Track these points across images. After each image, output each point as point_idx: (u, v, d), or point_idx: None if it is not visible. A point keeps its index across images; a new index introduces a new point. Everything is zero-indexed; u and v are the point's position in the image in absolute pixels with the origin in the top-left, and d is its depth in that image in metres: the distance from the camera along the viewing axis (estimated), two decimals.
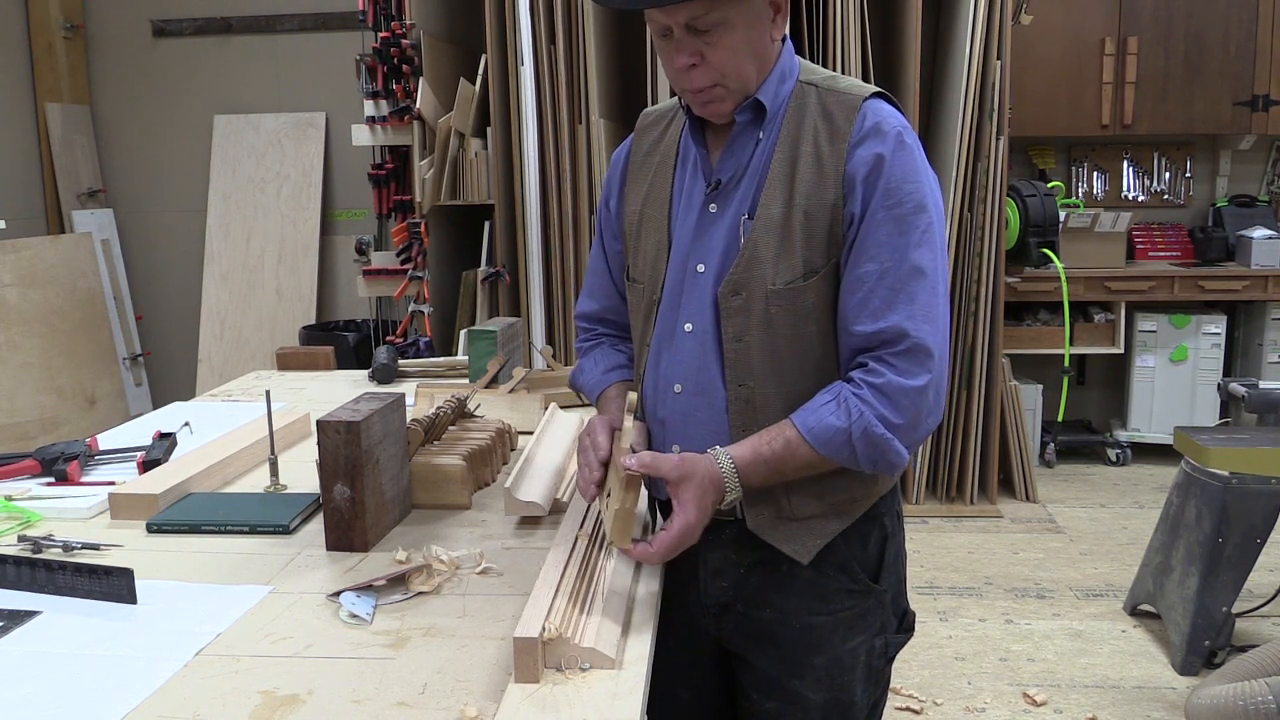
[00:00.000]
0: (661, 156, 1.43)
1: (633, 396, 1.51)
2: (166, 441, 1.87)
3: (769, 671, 1.41)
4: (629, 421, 1.31)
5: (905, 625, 1.47)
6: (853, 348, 1.27)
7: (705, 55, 1.24)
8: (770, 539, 1.34)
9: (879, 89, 1.33)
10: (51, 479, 1.72)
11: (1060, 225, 4.39)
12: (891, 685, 1.56)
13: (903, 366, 1.23)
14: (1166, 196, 5.19)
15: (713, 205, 1.34)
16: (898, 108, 1.32)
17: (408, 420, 1.57)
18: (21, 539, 1.45)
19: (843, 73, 3.89)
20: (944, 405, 1.30)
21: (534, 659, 1.03)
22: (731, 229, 1.31)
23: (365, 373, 2.52)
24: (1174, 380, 4.83)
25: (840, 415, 1.23)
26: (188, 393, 5.02)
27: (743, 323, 1.30)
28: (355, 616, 1.19)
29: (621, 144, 1.53)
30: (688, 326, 1.35)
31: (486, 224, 4.22)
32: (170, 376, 5.49)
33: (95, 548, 1.41)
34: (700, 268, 1.34)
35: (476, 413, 1.89)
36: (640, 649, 1.11)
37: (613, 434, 1.37)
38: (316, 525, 1.48)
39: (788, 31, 1.34)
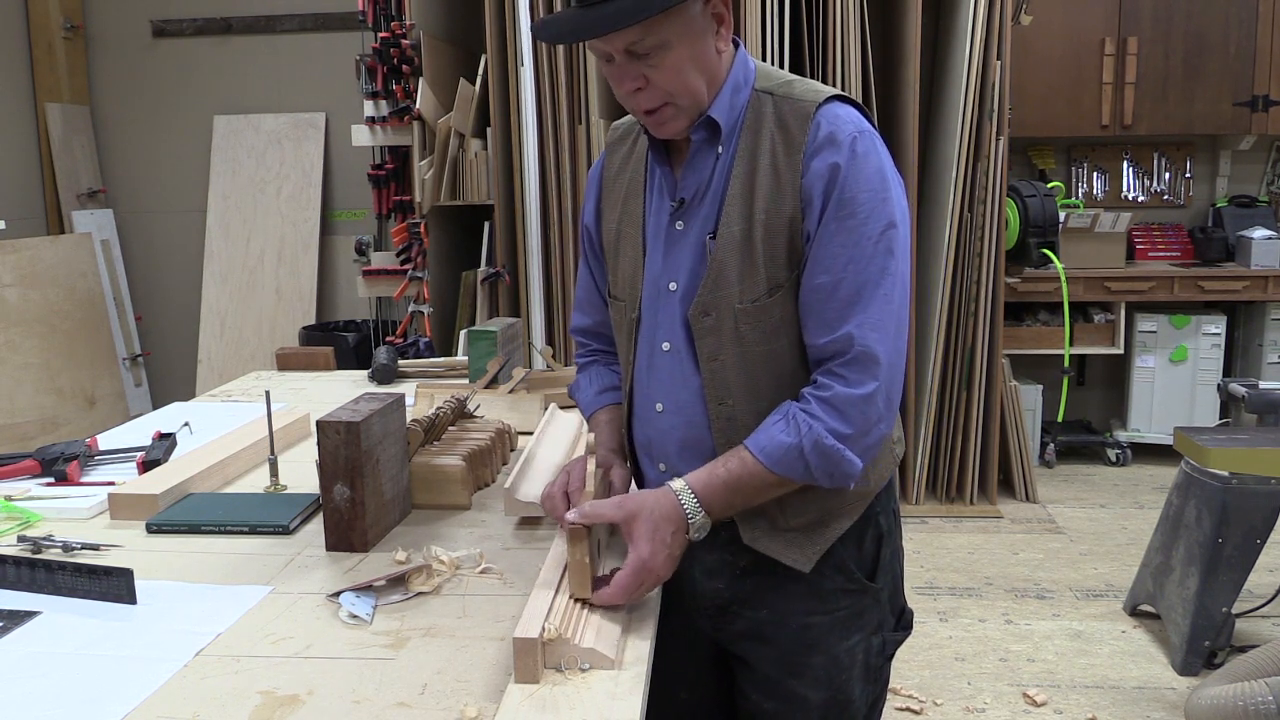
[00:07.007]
0: (633, 173, 1.42)
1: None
2: (166, 442, 1.87)
3: (767, 671, 1.41)
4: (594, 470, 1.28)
5: (903, 623, 1.47)
6: (812, 359, 1.27)
7: (650, 78, 1.23)
8: (769, 551, 1.34)
9: (837, 92, 1.30)
10: (51, 479, 1.72)
11: (1060, 225, 4.39)
12: (891, 685, 1.57)
13: (849, 376, 1.22)
14: (1166, 197, 5.18)
15: (679, 223, 1.33)
16: (859, 108, 1.30)
17: (408, 420, 1.57)
18: (21, 539, 1.45)
19: (842, 73, 3.91)
20: (896, 412, 1.29)
21: (534, 659, 1.02)
22: (697, 247, 1.30)
23: (365, 373, 2.52)
24: (1174, 380, 4.83)
25: (790, 432, 1.22)
26: (187, 393, 5.02)
27: (716, 342, 1.29)
28: (355, 617, 1.19)
29: (598, 159, 1.51)
30: (666, 345, 1.34)
31: (486, 224, 4.22)
32: (170, 376, 5.49)
33: (95, 548, 1.41)
34: (672, 286, 1.33)
35: (476, 413, 1.89)
36: (640, 649, 1.11)
37: (582, 486, 1.33)
38: (316, 525, 1.48)
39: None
